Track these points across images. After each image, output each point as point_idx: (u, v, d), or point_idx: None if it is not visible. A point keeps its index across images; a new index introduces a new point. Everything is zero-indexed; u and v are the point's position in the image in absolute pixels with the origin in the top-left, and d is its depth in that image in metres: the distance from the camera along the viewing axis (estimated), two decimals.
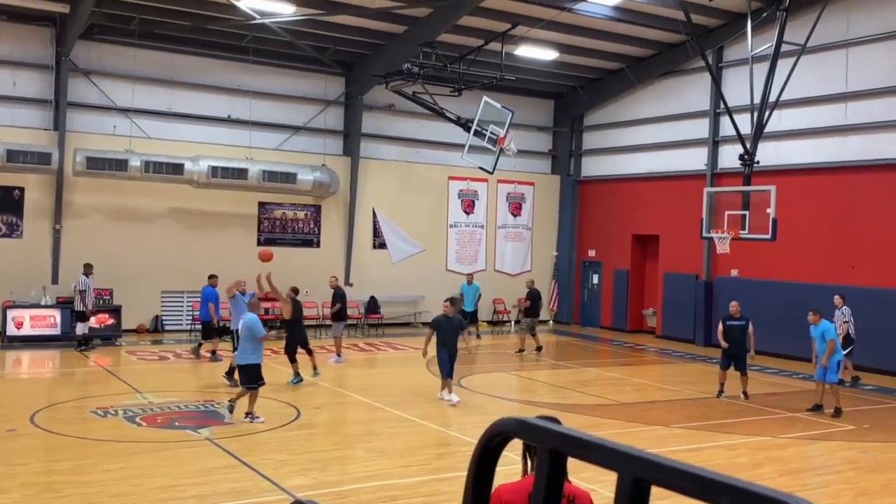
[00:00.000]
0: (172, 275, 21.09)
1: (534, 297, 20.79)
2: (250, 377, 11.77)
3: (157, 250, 20.83)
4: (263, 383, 11.92)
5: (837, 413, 13.36)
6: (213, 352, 17.42)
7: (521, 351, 20.18)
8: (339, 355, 17.71)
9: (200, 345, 17.78)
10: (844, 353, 15.62)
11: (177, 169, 20.20)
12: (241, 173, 20.89)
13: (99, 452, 9.95)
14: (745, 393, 14.69)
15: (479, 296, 22.82)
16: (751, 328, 14.68)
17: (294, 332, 15.36)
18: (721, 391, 14.84)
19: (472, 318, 21.82)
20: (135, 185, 20.19)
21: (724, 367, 14.85)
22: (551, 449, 1.22)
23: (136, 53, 20.53)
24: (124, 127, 20.53)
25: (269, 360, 17.53)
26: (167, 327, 21.29)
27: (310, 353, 15.45)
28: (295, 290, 15.99)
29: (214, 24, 19.97)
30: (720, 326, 15.00)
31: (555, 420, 4.42)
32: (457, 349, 13.74)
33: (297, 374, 14.79)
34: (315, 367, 15.42)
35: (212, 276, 18.00)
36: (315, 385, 14.99)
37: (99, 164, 19.45)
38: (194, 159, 20.46)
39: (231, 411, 11.85)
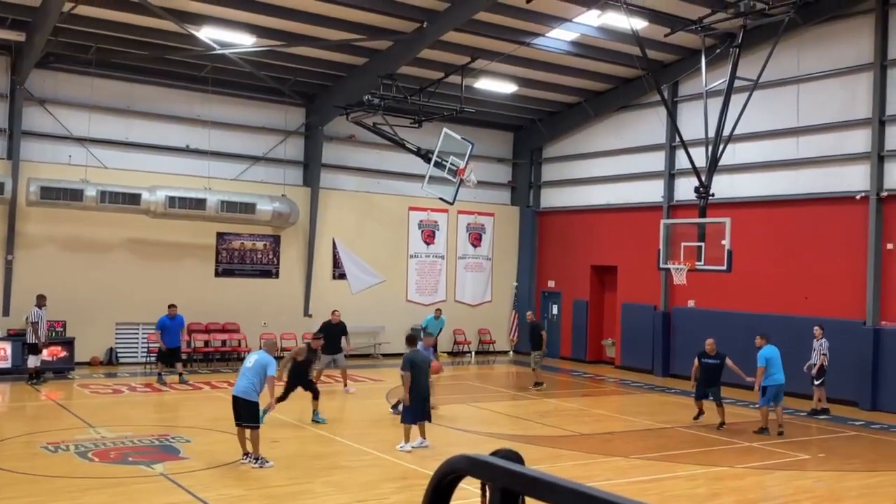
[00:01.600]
0: (128, 306, 20.75)
1: (535, 330, 20.08)
2: (254, 416, 11.20)
3: (113, 281, 20.50)
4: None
5: (774, 434, 14.10)
6: (181, 374, 18.55)
7: (538, 384, 19.42)
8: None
9: (160, 375, 18.37)
10: (818, 383, 16.17)
11: (133, 199, 19.96)
12: (200, 203, 20.70)
13: (49, 489, 9.69)
14: (722, 424, 14.96)
15: (441, 330, 22.35)
16: (729, 363, 15.14)
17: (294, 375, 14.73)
18: (699, 414, 15.42)
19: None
20: (90, 215, 19.90)
21: (698, 398, 15.40)
22: (503, 487, 1.22)
23: (92, 82, 20.33)
24: (80, 156, 20.26)
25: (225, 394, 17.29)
26: (122, 360, 20.90)
27: (314, 395, 14.70)
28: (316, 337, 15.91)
29: (173, 53, 19.89)
30: (695, 363, 15.40)
31: (516, 455, 4.38)
32: (429, 389, 12.85)
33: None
34: (315, 411, 14.63)
35: (172, 306, 18.55)
36: (273, 419, 14.76)
37: (53, 194, 19.14)
38: (151, 189, 20.24)
39: (255, 461, 11.12)
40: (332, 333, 17.68)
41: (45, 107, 20.10)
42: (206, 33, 18.55)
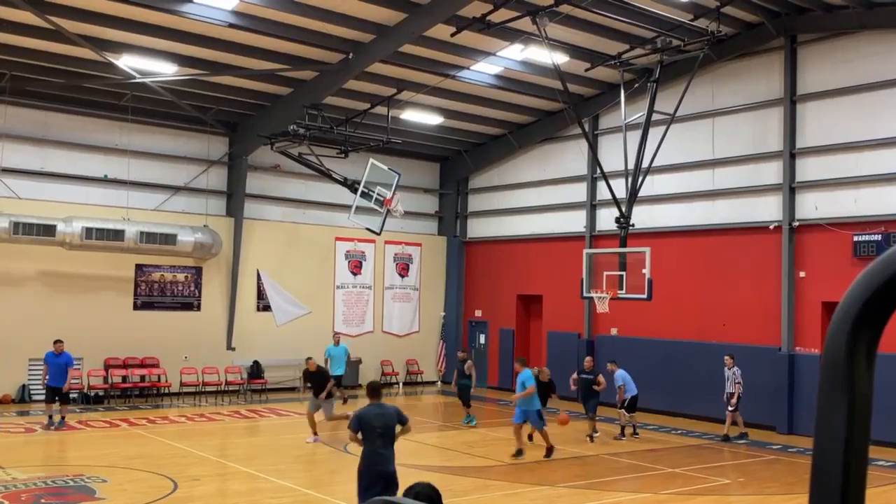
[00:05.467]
0: (42, 341, 19.87)
1: (544, 387, 16.98)
2: None
3: (25, 315, 19.72)
4: None
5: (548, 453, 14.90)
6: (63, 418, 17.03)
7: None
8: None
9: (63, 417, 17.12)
10: (732, 409, 16.88)
11: (48, 230, 19.32)
12: (118, 234, 20.17)
13: None
14: (591, 436, 16.68)
15: (348, 356, 21.20)
16: (600, 379, 16.92)
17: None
18: (591, 436, 16.75)
19: (339, 381, 19.84)
20: (2, 247, 19.17)
21: (590, 412, 16.99)
22: None
23: (6, 111, 19.68)
24: None
25: (146, 431, 16.78)
26: (35, 397, 20.07)
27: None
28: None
29: (91, 81, 19.43)
30: (575, 376, 17.80)
31: (433, 489, 4.34)
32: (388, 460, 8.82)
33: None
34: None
35: (57, 342, 17.17)
36: (194, 455, 14.39)
37: None
38: (67, 220, 19.64)
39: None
40: (314, 381, 16.70)
41: None
42: (126, 61, 18.20)
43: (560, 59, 18.16)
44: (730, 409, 17.00)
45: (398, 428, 8.99)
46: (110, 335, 20.79)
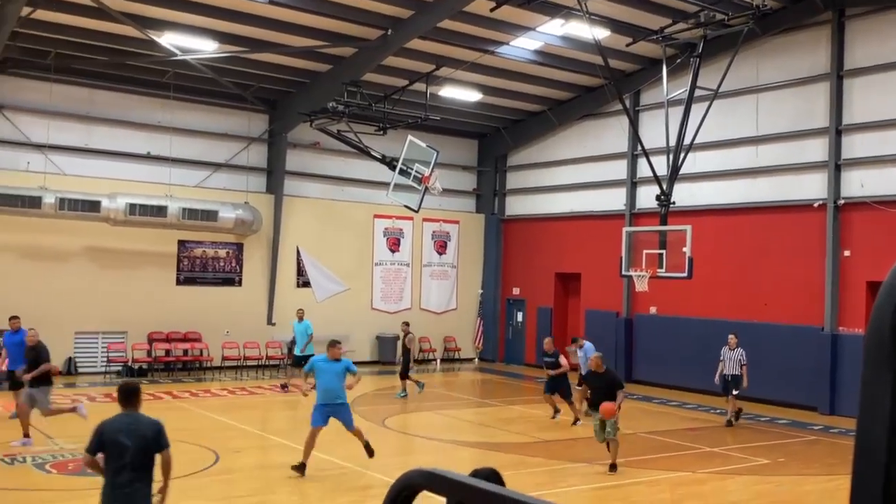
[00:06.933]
0: (87, 315, 20.43)
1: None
2: None
3: (72, 290, 20.16)
4: None
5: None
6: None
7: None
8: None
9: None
10: (736, 393, 16.02)
11: (93, 206, 19.67)
12: (161, 211, 20.48)
13: (6, 502, 9.49)
14: (556, 413, 16.23)
15: (311, 336, 19.31)
16: (561, 360, 16.35)
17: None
18: (554, 413, 16.30)
19: (297, 362, 18.51)
20: (49, 222, 19.57)
21: (546, 392, 16.48)
22: (458, 502, 1.22)
23: (51, 88, 20.02)
24: (38, 163, 19.93)
25: (187, 404, 17.09)
26: (81, 370, 20.56)
27: None
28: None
29: (134, 59, 19.66)
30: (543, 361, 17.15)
31: (495, 474, 4.32)
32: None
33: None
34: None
35: (13, 318, 14.67)
36: (235, 428, 14.65)
37: (10, 201, 18.81)
38: (111, 196, 19.97)
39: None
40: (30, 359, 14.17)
41: (2, 113, 19.75)
42: (168, 39, 18.37)
43: (601, 33, 17.94)
44: (734, 392, 16.00)
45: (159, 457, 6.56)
46: (154, 310, 21.17)
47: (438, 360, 25.78)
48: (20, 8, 15.94)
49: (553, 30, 19.14)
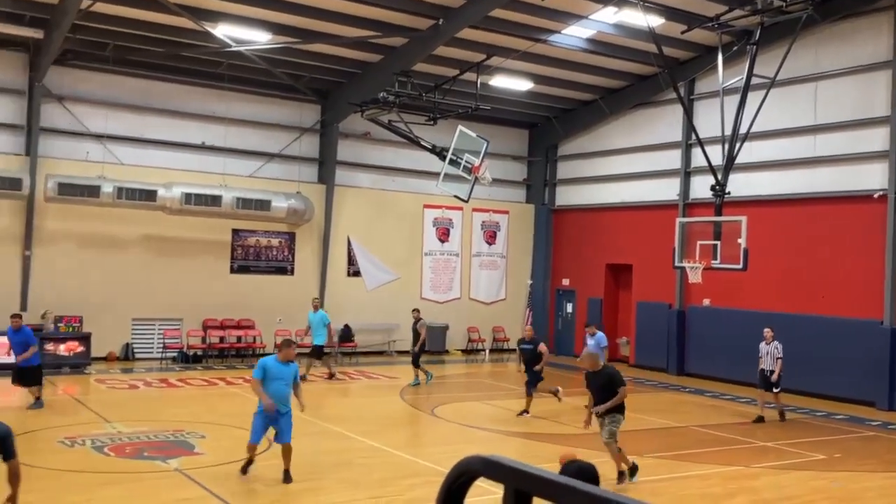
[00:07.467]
0: (143, 302, 20.88)
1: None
2: None
3: (129, 277, 20.62)
4: None
5: None
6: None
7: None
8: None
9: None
10: (777, 390, 15.50)
11: (149, 195, 20.07)
12: (215, 200, 20.80)
13: (66, 483, 9.77)
14: (525, 411, 15.48)
15: (328, 326, 19.28)
16: (541, 348, 15.63)
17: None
18: (524, 411, 15.56)
19: (316, 353, 19.16)
20: (107, 211, 20.02)
21: (529, 389, 15.70)
22: (516, 489, 1.22)
23: (109, 79, 20.47)
24: (97, 153, 20.39)
25: (242, 390, 17.35)
26: (138, 355, 21.03)
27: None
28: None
29: (189, 51, 19.97)
30: (517, 348, 16.62)
31: (590, 469, 4.23)
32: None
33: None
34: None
35: (14, 316, 14.54)
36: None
37: (71, 190, 19.28)
38: (167, 186, 20.35)
39: None
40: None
41: (62, 104, 20.24)
42: (223, 30, 18.62)
43: (655, 21, 17.68)
44: (776, 390, 15.54)
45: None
46: (208, 297, 21.56)
47: (487, 351, 25.78)
48: (80, 1, 16.31)
49: (606, 17, 18.92)
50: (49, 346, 18.87)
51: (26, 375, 14.41)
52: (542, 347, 15.81)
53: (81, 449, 11.57)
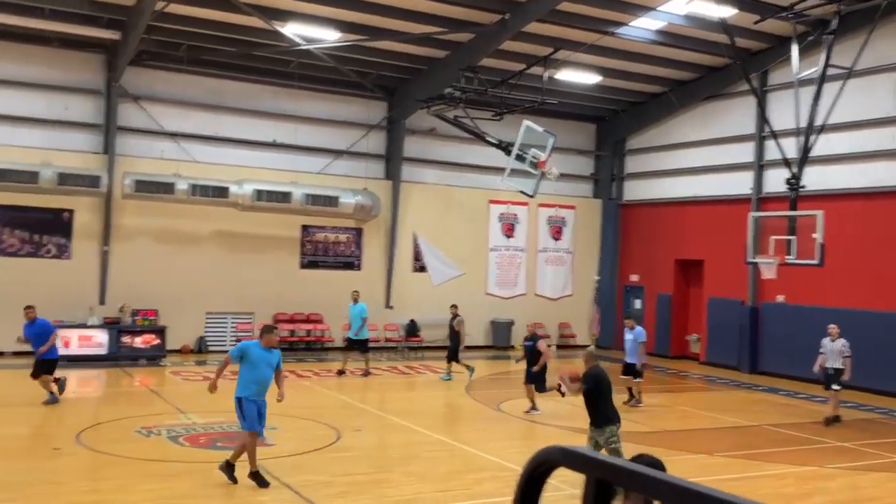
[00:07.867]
0: (217, 296, 21.37)
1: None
2: None
3: (202, 272, 21.13)
4: None
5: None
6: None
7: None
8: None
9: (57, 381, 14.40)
10: (838, 388, 14.71)
11: (222, 192, 20.52)
12: (285, 197, 21.15)
13: (143, 472, 10.06)
14: (532, 408, 14.79)
15: (365, 319, 19.02)
16: (540, 346, 14.96)
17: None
18: (532, 407, 14.90)
19: (360, 346, 18.89)
20: (181, 207, 20.54)
21: (525, 382, 15.05)
22: (597, 479, 1.21)
23: (183, 79, 20.99)
24: (172, 151, 20.94)
25: (306, 382, 17.61)
26: (211, 348, 21.53)
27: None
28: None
29: (260, 50, 20.33)
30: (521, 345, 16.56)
31: (660, 463, 4.16)
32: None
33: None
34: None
35: (28, 308, 14.25)
36: (355, 407, 15.03)
37: (147, 188, 19.84)
38: (239, 183, 20.77)
39: None
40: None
41: (139, 103, 20.82)
42: (292, 29, 18.90)
43: (727, 11, 17.31)
44: (835, 387, 14.71)
45: None
46: (279, 292, 21.95)
47: (554, 347, 25.61)
48: (155, 2, 16.75)
49: (676, 8, 18.59)
50: (126, 339, 19.51)
51: (42, 367, 14.02)
52: (542, 346, 15.08)
53: (157, 438, 11.90)
